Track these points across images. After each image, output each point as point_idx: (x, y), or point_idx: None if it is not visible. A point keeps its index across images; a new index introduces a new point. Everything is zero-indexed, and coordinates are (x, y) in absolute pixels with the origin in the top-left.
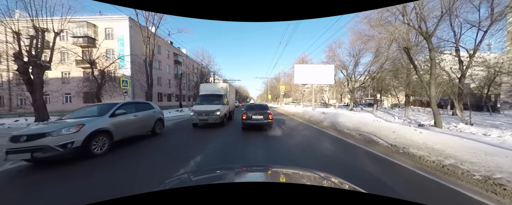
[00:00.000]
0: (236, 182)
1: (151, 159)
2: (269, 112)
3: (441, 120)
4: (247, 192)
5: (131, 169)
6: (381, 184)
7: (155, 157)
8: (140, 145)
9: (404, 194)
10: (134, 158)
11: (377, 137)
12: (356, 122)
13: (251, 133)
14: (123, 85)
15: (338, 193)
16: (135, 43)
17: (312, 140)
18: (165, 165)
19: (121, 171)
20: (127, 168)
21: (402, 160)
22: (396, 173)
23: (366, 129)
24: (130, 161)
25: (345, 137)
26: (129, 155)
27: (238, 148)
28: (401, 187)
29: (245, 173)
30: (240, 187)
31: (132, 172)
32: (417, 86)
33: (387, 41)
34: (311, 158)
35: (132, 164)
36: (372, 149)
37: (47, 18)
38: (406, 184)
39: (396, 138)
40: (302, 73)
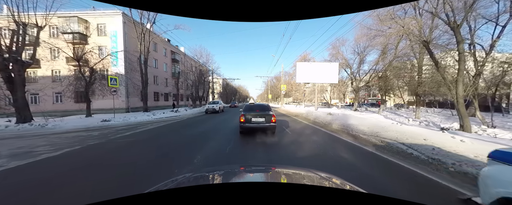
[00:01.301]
0: (236, 182)
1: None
2: (272, 114)
3: (470, 124)
4: (248, 192)
5: (225, 116)
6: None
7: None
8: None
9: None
10: (226, 114)
11: (406, 146)
12: (371, 125)
13: (250, 140)
14: (112, 84)
15: (339, 193)
16: (129, 39)
17: (326, 149)
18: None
19: (226, 115)
20: (225, 114)
21: (474, 190)
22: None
23: (387, 134)
24: (226, 114)
25: (364, 144)
26: (226, 113)
27: (234, 157)
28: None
29: (245, 173)
30: (240, 187)
31: (226, 117)
32: (433, 85)
33: (396, 37)
34: None
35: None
36: (411, 165)
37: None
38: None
39: (434, 149)
40: (305, 71)
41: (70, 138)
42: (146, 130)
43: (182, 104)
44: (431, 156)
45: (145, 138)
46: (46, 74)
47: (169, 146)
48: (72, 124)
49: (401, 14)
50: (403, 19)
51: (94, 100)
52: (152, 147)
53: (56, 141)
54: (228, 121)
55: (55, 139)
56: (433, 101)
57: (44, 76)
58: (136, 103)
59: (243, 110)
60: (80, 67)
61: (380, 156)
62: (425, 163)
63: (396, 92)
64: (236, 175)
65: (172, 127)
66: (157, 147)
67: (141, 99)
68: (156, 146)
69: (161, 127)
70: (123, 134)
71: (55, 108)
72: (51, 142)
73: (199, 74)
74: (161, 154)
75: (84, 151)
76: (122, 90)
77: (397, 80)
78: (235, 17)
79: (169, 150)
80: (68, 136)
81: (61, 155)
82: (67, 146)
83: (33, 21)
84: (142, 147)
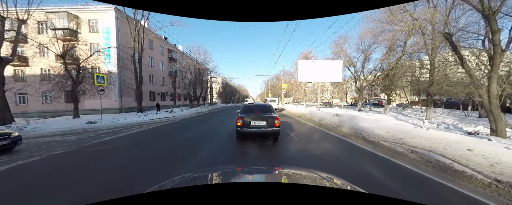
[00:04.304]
0: (236, 182)
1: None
2: (275, 116)
3: (505, 128)
4: (248, 192)
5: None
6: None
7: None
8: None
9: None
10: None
11: (450, 160)
12: (390, 129)
13: (247, 148)
14: (99, 82)
15: (339, 194)
16: (122, 36)
17: (345, 162)
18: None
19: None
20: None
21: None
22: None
23: (414, 141)
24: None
25: (391, 155)
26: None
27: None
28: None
29: (246, 173)
30: (241, 187)
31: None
32: (450, 83)
33: (406, 32)
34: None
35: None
36: (470, 190)
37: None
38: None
39: (493, 165)
40: (307, 70)
41: (39, 144)
42: (130, 134)
43: (179, 104)
44: (492, 176)
45: (123, 145)
46: (36, 72)
47: (147, 157)
48: (54, 126)
49: (410, 8)
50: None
51: (85, 100)
52: (126, 158)
53: (17, 148)
54: (225, 122)
55: (19, 146)
56: (439, 101)
57: (34, 75)
58: (130, 103)
59: (240, 112)
60: (65, 64)
61: (421, 174)
62: (492, 189)
63: (399, 92)
64: (236, 175)
65: (160, 130)
66: (129, 160)
67: (136, 99)
68: (131, 157)
69: (149, 130)
70: (101, 140)
71: (45, 108)
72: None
73: (197, 73)
74: (128, 174)
75: (33, 165)
76: (114, 90)
77: (403, 79)
78: (235, 17)
79: (145, 162)
80: (38, 142)
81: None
82: (24, 157)
83: (13, 14)
84: (110, 160)
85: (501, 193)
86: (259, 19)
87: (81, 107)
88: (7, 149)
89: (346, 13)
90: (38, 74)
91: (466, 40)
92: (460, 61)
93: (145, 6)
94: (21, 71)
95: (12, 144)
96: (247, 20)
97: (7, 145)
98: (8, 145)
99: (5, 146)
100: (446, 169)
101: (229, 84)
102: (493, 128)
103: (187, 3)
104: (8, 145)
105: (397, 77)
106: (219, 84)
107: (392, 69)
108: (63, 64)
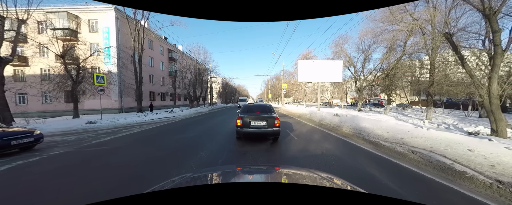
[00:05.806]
0: (236, 182)
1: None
2: (275, 116)
3: (506, 129)
4: (248, 192)
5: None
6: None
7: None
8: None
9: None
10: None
11: (451, 161)
12: (390, 129)
13: (247, 148)
14: (98, 82)
15: (339, 194)
16: (122, 36)
17: (347, 163)
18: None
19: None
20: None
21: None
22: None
23: (415, 141)
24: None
25: (392, 156)
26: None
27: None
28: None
29: (245, 174)
30: (241, 188)
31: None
32: (450, 84)
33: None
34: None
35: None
36: (471, 191)
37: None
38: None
39: (494, 166)
40: (307, 70)
41: (40, 144)
42: (129, 134)
43: (179, 104)
44: (493, 176)
45: (123, 145)
46: (36, 72)
47: (147, 157)
48: (54, 126)
49: (410, 8)
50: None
51: (86, 100)
52: (126, 158)
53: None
54: (225, 122)
55: None
56: (439, 101)
57: (34, 75)
58: (130, 103)
59: (240, 112)
60: (65, 64)
61: (421, 175)
62: (488, 188)
63: (399, 92)
64: (236, 175)
65: (160, 130)
66: (129, 160)
67: (136, 99)
68: (130, 157)
69: (149, 130)
70: (101, 140)
71: (45, 108)
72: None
73: (197, 73)
74: (127, 175)
75: (33, 165)
76: (114, 90)
77: (403, 79)
78: (235, 17)
79: (145, 162)
80: None
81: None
82: (23, 157)
83: (13, 14)
84: (110, 160)
85: (502, 193)
86: (259, 19)
87: (81, 107)
88: (29, 146)
89: (346, 13)
90: (38, 74)
91: (466, 40)
92: (461, 61)
93: (145, 6)
94: (21, 71)
95: (35, 142)
96: (247, 20)
97: (30, 143)
98: (31, 143)
99: (28, 144)
100: (447, 169)
101: (229, 85)
102: (493, 128)
103: (187, 3)
104: (31, 143)
105: (397, 78)
106: (219, 84)
107: (392, 69)
108: (63, 64)
